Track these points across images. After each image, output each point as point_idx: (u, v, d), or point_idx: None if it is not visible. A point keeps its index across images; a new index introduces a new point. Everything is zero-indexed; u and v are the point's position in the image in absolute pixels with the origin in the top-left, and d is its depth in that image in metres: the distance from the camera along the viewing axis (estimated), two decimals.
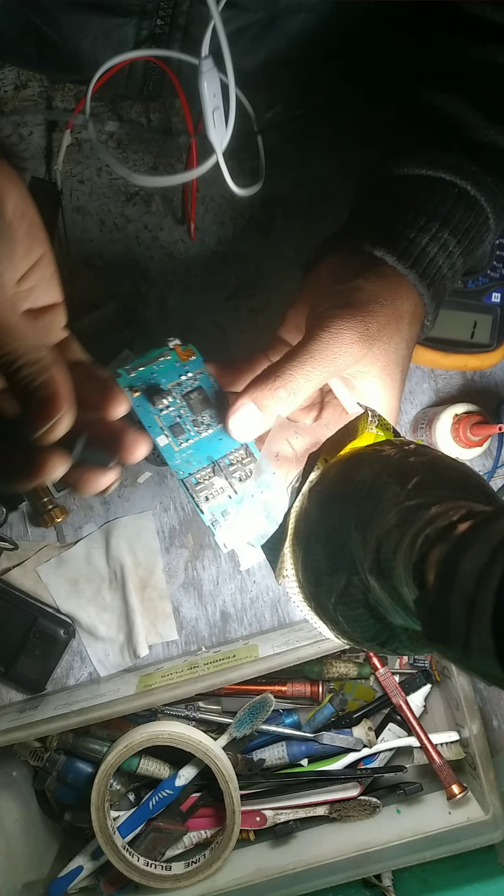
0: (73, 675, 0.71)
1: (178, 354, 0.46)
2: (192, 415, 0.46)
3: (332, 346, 0.43)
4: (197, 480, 0.45)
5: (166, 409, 0.45)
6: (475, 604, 0.25)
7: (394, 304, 0.46)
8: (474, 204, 0.50)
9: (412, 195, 0.50)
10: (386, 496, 0.35)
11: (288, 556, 0.44)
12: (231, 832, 0.65)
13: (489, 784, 0.65)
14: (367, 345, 0.44)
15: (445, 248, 0.49)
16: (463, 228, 0.50)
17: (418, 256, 0.48)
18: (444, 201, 0.49)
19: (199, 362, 0.47)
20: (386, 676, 0.69)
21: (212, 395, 0.46)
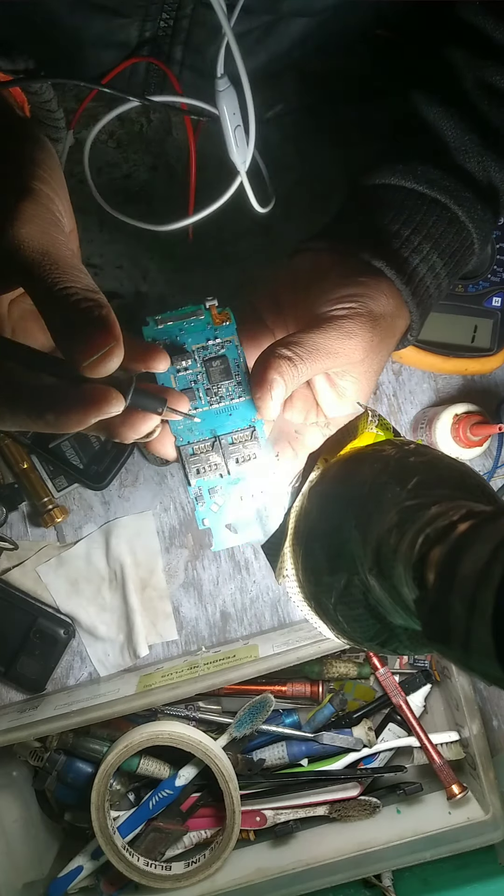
0: (73, 675, 0.71)
1: (213, 316, 0.44)
2: (209, 383, 0.44)
3: (338, 345, 0.44)
4: (193, 451, 0.44)
5: (184, 371, 0.44)
6: (475, 604, 0.25)
7: (394, 321, 0.48)
8: (463, 229, 0.52)
9: (411, 212, 0.51)
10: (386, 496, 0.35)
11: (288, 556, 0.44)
12: (231, 832, 0.65)
13: (489, 784, 0.65)
14: (367, 353, 0.46)
15: (433, 269, 0.50)
16: (450, 252, 0.51)
17: (411, 276, 0.49)
18: (438, 224, 0.51)
19: (232, 329, 0.44)
20: (386, 676, 0.69)
21: (234, 367, 0.44)
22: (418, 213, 0.51)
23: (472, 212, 0.51)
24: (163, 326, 0.44)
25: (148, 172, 0.69)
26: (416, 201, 0.51)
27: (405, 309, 0.49)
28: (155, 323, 0.44)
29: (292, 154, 0.70)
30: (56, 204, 0.37)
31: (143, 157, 0.69)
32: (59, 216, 0.37)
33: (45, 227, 0.36)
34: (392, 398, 0.71)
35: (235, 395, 0.44)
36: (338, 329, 0.44)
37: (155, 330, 0.44)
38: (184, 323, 0.44)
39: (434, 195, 0.51)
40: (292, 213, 0.70)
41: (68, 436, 0.69)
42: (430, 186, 0.51)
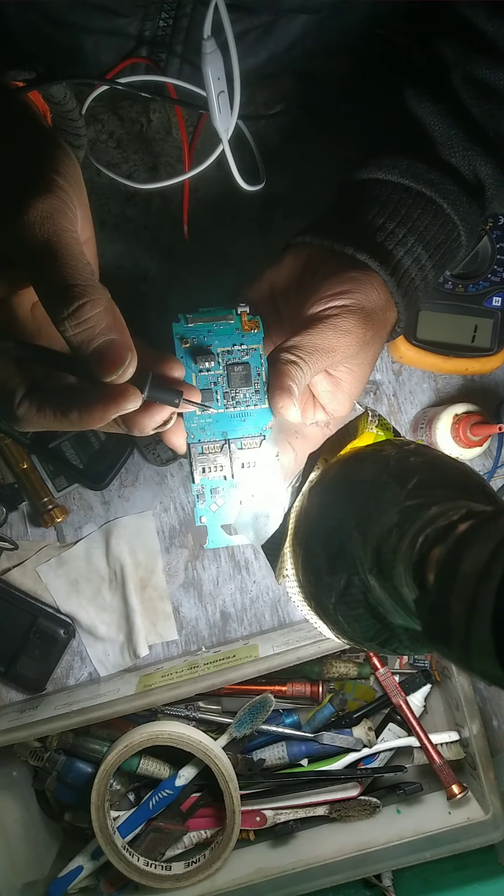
0: (73, 675, 0.71)
1: (242, 322, 0.45)
2: (227, 387, 0.45)
3: (334, 343, 0.45)
4: (203, 450, 0.45)
5: (205, 372, 0.45)
6: (475, 603, 0.25)
7: (385, 315, 0.49)
8: (448, 222, 0.52)
9: (396, 206, 0.51)
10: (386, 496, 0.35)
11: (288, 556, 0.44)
12: (231, 832, 0.65)
13: (489, 784, 0.65)
14: (361, 347, 0.47)
15: (419, 261, 0.51)
16: (435, 244, 0.52)
17: (396, 268, 0.50)
18: (423, 217, 0.51)
19: (259, 338, 0.45)
20: (386, 676, 0.69)
21: (255, 375, 0.45)
22: (403, 207, 0.51)
23: (458, 204, 0.52)
24: (193, 325, 0.45)
25: (148, 172, 0.69)
26: (401, 195, 0.52)
27: (393, 302, 0.50)
28: (185, 321, 0.45)
29: (292, 154, 0.70)
30: (69, 195, 0.38)
31: (143, 157, 0.69)
32: (69, 207, 0.38)
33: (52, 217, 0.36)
34: (392, 398, 0.71)
35: (252, 403, 0.45)
36: (333, 328, 0.45)
37: (184, 328, 0.45)
38: (213, 325, 0.45)
39: (419, 188, 0.51)
40: (292, 213, 0.70)
41: (68, 436, 0.69)
42: (416, 180, 0.51)
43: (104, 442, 0.69)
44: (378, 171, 0.52)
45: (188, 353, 0.45)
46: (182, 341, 0.45)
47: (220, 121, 0.54)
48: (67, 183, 0.39)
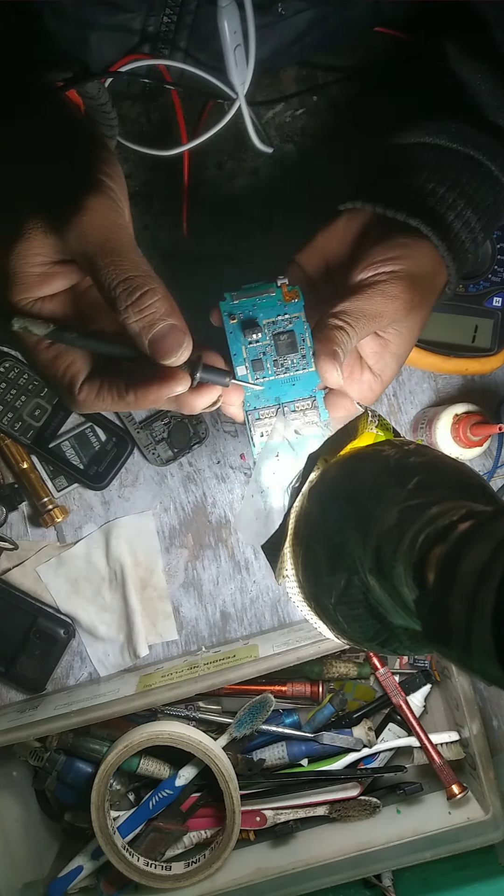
0: (73, 675, 0.71)
1: (283, 294, 0.48)
2: (276, 355, 0.48)
3: (382, 308, 0.47)
4: (259, 416, 0.49)
5: (254, 343, 0.48)
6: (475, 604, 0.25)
7: (433, 280, 0.51)
8: (496, 183, 0.53)
9: (446, 170, 0.52)
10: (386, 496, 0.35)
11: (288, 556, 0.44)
12: (231, 832, 0.65)
13: (489, 784, 0.65)
14: (409, 311, 0.48)
15: (468, 224, 0.52)
16: (484, 206, 0.53)
17: (447, 232, 0.51)
18: (472, 180, 0.52)
19: (300, 306, 0.48)
20: (386, 676, 0.69)
21: (300, 341, 0.48)
22: (453, 171, 0.52)
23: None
24: (238, 302, 0.48)
25: (147, 173, 0.69)
26: (450, 158, 0.52)
27: (443, 266, 0.51)
28: (231, 298, 0.48)
29: (293, 154, 0.70)
30: (117, 194, 0.41)
31: (143, 158, 0.69)
32: (120, 205, 0.41)
33: (108, 215, 0.39)
34: (392, 398, 0.71)
35: (300, 367, 0.48)
36: (381, 294, 0.47)
37: (231, 305, 0.48)
38: (256, 299, 0.48)
39: (468, 151, 0.52)
40: (292, 213, 0.70)
41: (68, 436, 0.69)
42: (464, 143, 0.52)
43: (104, 442, 0.69)
44: (425, 134, 0.53)
45: (237, 328, 0.48)
46: (230, 317, 0.48)
47: (237, 74, 0.54)
48: (115, 182, 0.41)
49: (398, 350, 0.50)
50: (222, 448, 0.71)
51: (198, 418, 0.70)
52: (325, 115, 0.70)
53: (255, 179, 0.70)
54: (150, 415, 0.69)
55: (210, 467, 0.71)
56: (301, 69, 0.70)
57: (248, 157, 0.70)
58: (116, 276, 0.38)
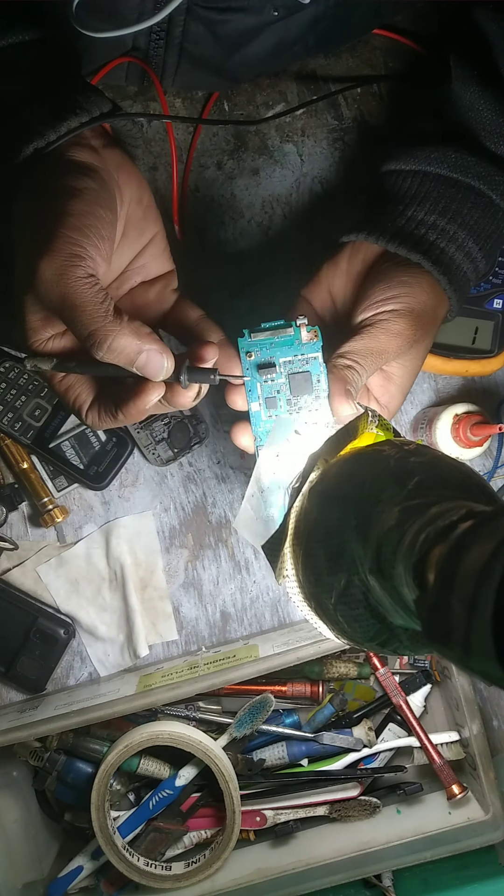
0: (73, 675, 0.71)
1: (302, 334, 0.48)
2: (290, 394, 0.49)
3: (386, 345, 0.48)
4: None
5: (269, 382, 0.49)
6: (475, 604, 0.25)
7: (435, 312, 0.52)
8: (498, 211, 0.54)
9: (447, 202, 0.53)
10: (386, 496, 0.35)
11: (288, 556, 0.44)
12: (231, 832, 0.65)
13: (489, 784, 0.65)
14: (411, 344, 0.50)
15: (470, 255, 0.53)
16: (486, 235, 0.54)
17: (448, 266, 0.52)
18: (474, 210, 0.53)
19: (318, 347, 0.48)
20: (386, 676, 0.69)
21: (315, 381, 0.48)
22: (454, 202, 0.53)
23: None
24: (255, 339, 0.49)
25: (148, 172, 0.69)
26: (450, 189, 0.53)
27: (445, 297, 0.52)
28: (249, 335, 0.49)
29: (293, 154, 0.70)
30: (86, 242, 0.42)
31: (144, 157, 0.69)
32: (85, 254, 0.42)
33: (64, 273, 0.41)
34: None
35: (313, 409, 0.49)
36: (385, 332, 0.48)
37: (248, 343, 0.49)
38: (275, 338, 0.49)
39: (469, 181, 0.53)
40: (292, 213, 0.70)
41: (68, 436, 0.69)
42: (465, 173, 0.53)
43: (104, 442, 0.69)
44: (426, 163, 0.53)
45: (253, 366, 0.49)
46: (247, 355, 0.49)
47: None
48: (86, 224, 0.42)
49: (402, 382, 0.52)
50: (222, 448, 0.71)
51: (198, 418, 0.70)
52: (325, 115, 0.70)
53: (255, 179, 0.70)
54: (150, 415, 0.69)
55: (210, 467, 0.71)
56: (301, 70, 0.70)
57: (248, 157, 0.70)
58: (81, 331, 0.41)
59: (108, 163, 0.47)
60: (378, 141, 0.70)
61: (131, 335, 0.42)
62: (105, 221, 0.44)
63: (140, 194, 0.49)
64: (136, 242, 0.50)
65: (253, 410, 0.49)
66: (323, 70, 0.70)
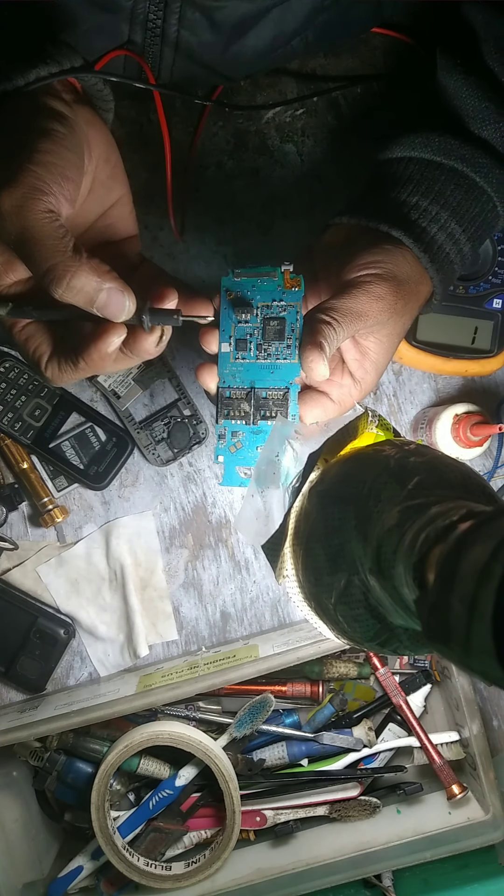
0: (73, 675, 0.71)
1: (285, 280, 0.47)
2: (262, 339, 0.47)
3: (367, 307, 0.47)
4: (230, 395, 0.48)
5: (243, 323, 0.48)
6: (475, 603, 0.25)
7: (417, 287, 0.51)
8: (482, 194, 0.54)
9: (430, 183, 0.53)
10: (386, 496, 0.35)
11: (288, 556, 0.44)
12: (231, 832, 0.65)
13: (489, 784, 0.65)
14: (392, 316, 0.49)
15: (453, 236, 0.53)
16: (469, 218, 0.54)
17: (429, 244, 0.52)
18: (456, 192, 0.53)
19: (298, 296, 0.47)
20: (386, 676, 0.69)
21: (289, 330, 0.47)
22: (437, 183, 0.53)
23: (491, 176, 0.53)
24: (239, 280, 0.48)
25: (148, 172, 0.69)
26: (434, 171, 0.53)
27: (426, 276, 0.52)
28: (234, 275, 0.48)
29: (292, 154, 0.70)
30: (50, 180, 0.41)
31: (144, 157, 0.69)
32: (48, 191, 0.41)
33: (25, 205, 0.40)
34: (392, 398, 0.71)
35: (282, 357, 0.47)
36: (366, 293, 0.48)
37: (231, 281, 0.48)
38: (257, 280, 0.48)
39: (451, 164, 0.53)
40: (292, 213, 0.70)
41: (68, 436, 0.69)
42: (448, 156, 0.53)
43: (104, 442, 0.69)
44: (410, 149, 0.54)
45: (230, 305, 0.47)
46: (227, 294, 0.47)
47: None
48: (52, 161, 0.42)
49: (377, 359, 0.51)
50: None
51: (198, 418, 0.70)
52: (325, 115, 0.70)
53: (255, 179, 0.70)
54: (149, 415, 0.69)
55: (210, 467, 0.71)
56: (301, 69, 0.70)
57: (248, 157, 0.70)
58: (39, 266, 0.40)
59: (78, 116, 0.47)
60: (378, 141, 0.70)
61: (91, 272, 0.40)
62: (71, 164, 0.43)
63: (108, 153, 0.48)
64: (102, 200, 0.49)
65: (222, 350, 0.48)
66: (323, 69, 0.70)
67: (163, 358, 0.69)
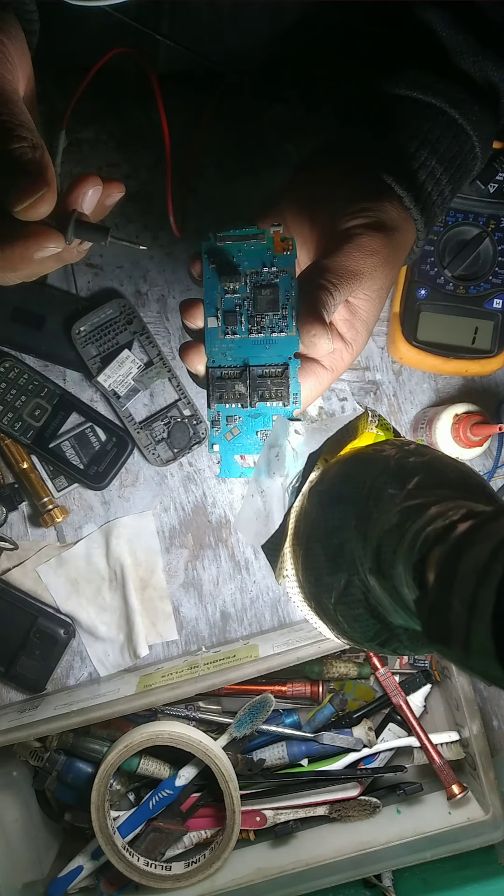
0: (73, 675, 0.71)
1: (275, 243, 0.42)
2: (254, 310, 0.42)
3: (362, 265, 0.44)
4: (221, 375, 0.43)
5: (231, 293, 0.43)
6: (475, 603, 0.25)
7: (405, 235, 0.48)
8: (461, 132, 0.51)
9: (407, 119, 0.50)
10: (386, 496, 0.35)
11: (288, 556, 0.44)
12: (231, 832, 0.65)
13: (489, 784, 0.65)
14: (383, 269, 0.46)
15: (433, 174, 0.50)
16: (449, 156, 0.51)
17: (412, 183, 0.49)
18: (434, 129, 0.50)
19: (291, 260, 0.42)
20: (386, 676, 0.69)
21: (283, 298, 0.42)
22: (413, 119, 0.50)
23: (470, 114, 0.51)
24: (222, 244, 0.43)
25: (148, 172, 0.69)
26: (411, 107, 0.51)
27: (412, 221, 0.49)
28: (216, 239, 0.43)
29: (292, 154, 0.70)
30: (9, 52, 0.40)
31: (144, 157, 0.69)
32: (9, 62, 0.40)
33: None
34: (392, 398, 0.71)
35: (277, 329, 0.42)
36: (359, 248, 0.45)
37: (213, 245, 0.43)
38: (244, 244, 0.42)
39: (429, 100, 0.50)
40: None
41: (68, 436, 0.69)
42: (425, 91, 0.50)
43: (104, 442, 0.69)
44: (385, 84, 0.51)
45: (215, 274, 0.42)
46: (210, 260, 0.43)
47: None
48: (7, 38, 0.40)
49: (367, 317, 0.47)
50: None
51: (198, 418, 0.70)
52: (325, 114, 0.70)
53: (255, 179, 0.70)
54: (149, 415, 0.69)
55: (210, 467, 0.71)
56: (301, 68, 0.69)
57: (248, 156, 0.70)
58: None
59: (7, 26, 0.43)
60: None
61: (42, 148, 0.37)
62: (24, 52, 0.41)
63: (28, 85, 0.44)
64: None
65: (209, 326, 0.43)
66: (321, 68, 0.70)
67: (163, 358, 0.69)
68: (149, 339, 0.69)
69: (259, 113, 0.70)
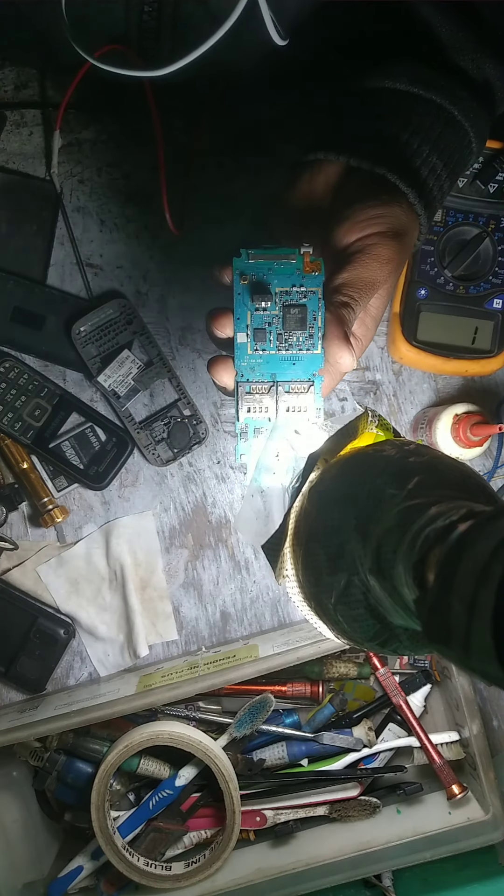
0: (73, 675, 0.71)
1: (304, 263, 0.44)
2: (282, 329, 0.44)
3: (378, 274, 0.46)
4: (250, 390, 0.45)
5: (261, 311, 0.44)
6: (475, 604, 0.25)
7: (411, 235, 0.49)
8: (460, 128, 0.52)
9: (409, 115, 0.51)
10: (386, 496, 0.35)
11: (288, 556, 0.44)
12: (231, 832, 0.65)
13: (489, 784, 0.65)
14: (396, 272, 0.48)
15: (434, 171, 0.51)
16: (448, 152, 0.52)
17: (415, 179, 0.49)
18: (435, 125, 0.51)
19: (319, 281, 0.44)
20: (386, 676, 0.69)
21: (310, 318, 0.44)
22: (415, 115, 0.51)
23: (468, 110, 0.51)
24: (254, 262, 0.44)
25: (147, 172, 0.69)
26: (412, 103, 0.51)
27: (418, 220, 0.50)
28: (247, 256, 0.44)
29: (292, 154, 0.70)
30: None
31: (143, 158, 0.69)
32: None
33: None
34: (392, 398, 0.71)
35: (304, 347, 0.44)
36: (376, 258, 0.46)
37: (245, 263, 0.44)
38: (274, 263, 0.44)
39: (429, 96, 0.51)
40: None
41: (68, 436, 0.69)
42: (426, 87, 0.51)
43: (104, 442, 0.69)
44: (386, 79, 0.51)
45: (246, 290, 0.44)
46: (241, 277, 0.44)
47: None
48: None
49: (376, 313, 0.49)
50: (222, 448, 0.71)
51: (198, 418, 0.70)
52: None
53: (255, 179, 0.70)
54: (150, 415, 0.69)
55: (210, 467, 0.71)
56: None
57: (248, 157, 0.70)
58: None
59: None
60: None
61: None
62: None
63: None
64: None
65: (239, 341, 0.44)
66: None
67: (162, 358, 0.69)
68: (149, 339, 0.69)
69: (259, 113, 0.69)
